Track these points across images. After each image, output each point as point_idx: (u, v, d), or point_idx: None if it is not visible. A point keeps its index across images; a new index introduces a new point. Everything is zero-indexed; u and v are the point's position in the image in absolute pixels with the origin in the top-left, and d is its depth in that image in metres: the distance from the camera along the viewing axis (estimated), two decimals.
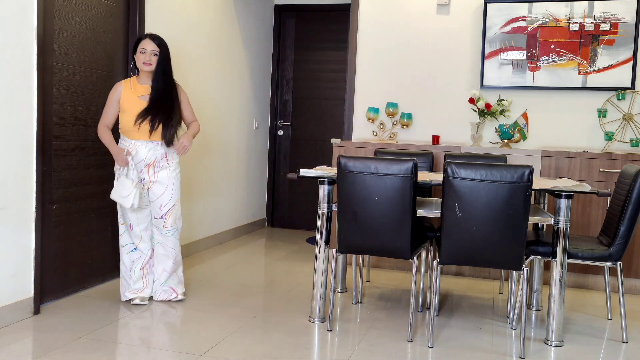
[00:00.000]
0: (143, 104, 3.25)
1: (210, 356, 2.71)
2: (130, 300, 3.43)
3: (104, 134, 3.28)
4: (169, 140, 3.27)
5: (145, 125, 3.22)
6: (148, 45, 3.22)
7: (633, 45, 4.36)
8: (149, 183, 3.31)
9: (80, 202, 3.58)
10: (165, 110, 3.24)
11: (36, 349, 2.71)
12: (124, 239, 3.41)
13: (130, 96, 3.26)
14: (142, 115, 3.21)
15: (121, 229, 3.41)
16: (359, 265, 3.87)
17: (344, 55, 5.98)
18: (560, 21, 4.48)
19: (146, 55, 3.22)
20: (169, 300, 3.49)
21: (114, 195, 3.25)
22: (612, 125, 4.46)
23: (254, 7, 5.81)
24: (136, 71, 3.35)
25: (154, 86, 3.25)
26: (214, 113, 5.10)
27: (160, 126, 3.24)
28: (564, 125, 4.55)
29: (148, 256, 3.43)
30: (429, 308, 3.31)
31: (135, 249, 3.39)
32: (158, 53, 3.24)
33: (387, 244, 3.04)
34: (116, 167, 3.31)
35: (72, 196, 3.50)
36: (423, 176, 3.36)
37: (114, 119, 3.29)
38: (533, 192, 3.24)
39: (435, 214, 3.11)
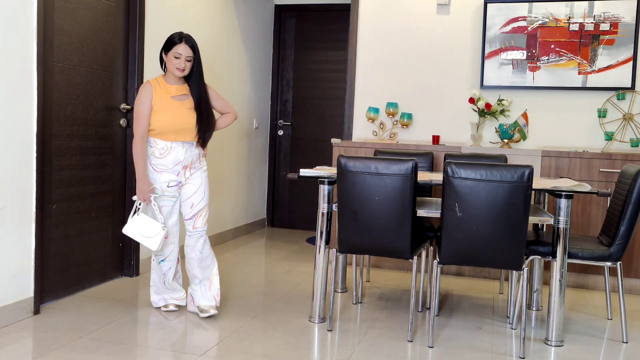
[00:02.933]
0: (177, 104, 3.11)
1: (210, 356, 2.71)
2: (162, 307, 3.33)
3: (140, 153, 3.06)
4: (206, 141, 3.23)
5: (191, 128, 3.13)
6: (183, 51, 3.06)
7: (633, 45, 4.35)
8: (185, 181, 3.20)
9: (80, 202, 3.58)
10: (207, 115, 3.19)
11: (36, 349, 2.71)
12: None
13: (162, 97, 3.09)
14: (189, 120, 3.14)
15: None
16: (359, 265, 3.87)
17: (344, 55, 5.98)
18: (560, 21, 4.48)
19: (181, 61, 3.07)
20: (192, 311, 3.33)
21: (133, 232, 3.07)
22: (612, 125, 4.45)
23: (254, 7, 5.81)
24: (164, 70, 3.21)
25: (195, 93, 3.16)
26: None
27: (200, 128, 3.17)
28: (564, 125, 4.55)
29: (175, 266, 3.29)
30: (429, 308, 3.31)
31: (163, 260, 3.23)
32: (192, 59, 3.11)
33: (387, 244, 3.04)
34: (136, 198, 3.12)
35: (72, 196, 3.50)
36: (423, 176, 3.36)
37: (148, 121, 3.08)
38: (533, 192, 3.24)
39: (435, 214, 3.11)
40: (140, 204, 3.10)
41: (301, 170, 3.32)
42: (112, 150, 3.84)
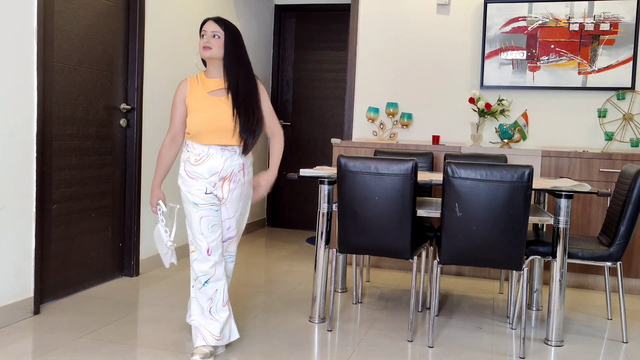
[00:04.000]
0: (214, 100, 2.61)
1: None
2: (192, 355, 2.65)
3: (162, 158, 2.68)
4: (249, 145, 2.64)
5: (229, 128, 2.59)
6: (209, 27, 2.60)
7: (633, 45, 4.35)
8: (224, 200, 2.68)
9: (80, 202, 3.58)
10: (246, 106, 2.62)
11: (36, 349, 2.71)
12: (195, 269, 2.64)
13: (198, 93, 2.63)
14: (227, 117, 2.60)
15: (192, 257, 2.66)
16: (359, 265, 3.87)
17: (344, 55, 5.98)
18: (560, 21, 4.48)
19: (205, 38, 2.59)
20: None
21: (155, 241, 2.77)
22: (612, 125, 4.45)
23: (254, 7, 5.81)
24: (204, 64, 2.74)
25: (228, 78, 2.61)
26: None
27: (240, 126, 2.60)
28: (564, 125, 4.55)
29: (223, 287, 2.70)
30: (429, 308, 3.31)
31: (207, 281, 2.64)
32: (221, 35, 2.59)
33: (387, 244, 3.04)
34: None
35: (72, 196, 3.51)
36: (423, 176, 3.36)
37: (182, 123, 2.66)
38: (533, 192, 3.24)
39: (435, 214, 3.11)
40: (161, 212, 2.72)
41: (301, 170, 3.32)
42: (112, 150, 3.84)
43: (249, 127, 2.60)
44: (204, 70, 2.71)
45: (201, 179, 2.60)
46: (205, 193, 2.61)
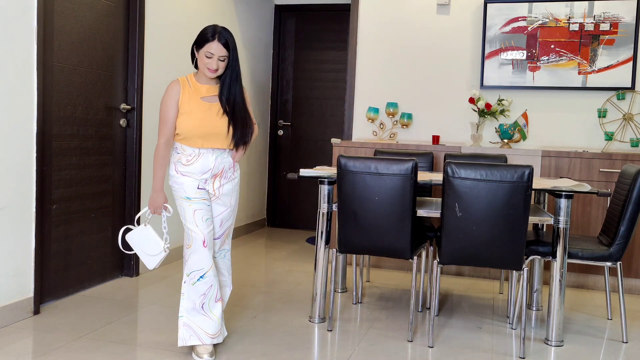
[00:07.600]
0: (207, 105, 2.68)
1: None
2: (194, 348, 2.70)
3: (161, 161, 2.68)
4: (243, 150, 2.79)
5: (221, 133, 2.69)
6: (216, 50, 2.63)
7: (633, 45, 4.35)
8: (214, 196, 2.76)
9: (80, 202, 3.58)
10: (242, 119, 2.73)
11: (36, 349, 2.71)
12: (190, 264, 2.67)
13: (191, 97, 2.68)
14: (220, 124, 2.69)
15: (186, 253, 2.69)
16: (359, 265, 3.87)
17: (344, 55, 5.98)
18: (560, 21, 4.48)
19: (213, 62, 2.64)
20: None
21: (135, 243, 2.75)
22: (612, 125, 4.45)
23: (254, 7, 5.81)
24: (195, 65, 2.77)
25: (227, 95, 2.70)
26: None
27: (236, 138, 2.73)
28: (564, 125, 4.55)
29: (216, 284, 2.72)
30: (429, 308, 3.31)
31: (202, 276, 2.67)
32: (226, 58, 2.67)
33: (387, 244, 3.03)
34: (147, 208, 2.77)
35: (72, 196, 3.51)
36: (423, 176, 3.36)
37: (174, 126, 2.68)
38: (533, 192, 3.24)
39: (435, 214, 3.11)
40: (149, 215, 2.75)
41: (301, 170, 3.32)
42: (112, 150, 3.84)
43: (244, 136, 2.73)
44: (193, 73, 2.75)
45: (192, 177, 2.68)
46: (198, 188, 2.68)
